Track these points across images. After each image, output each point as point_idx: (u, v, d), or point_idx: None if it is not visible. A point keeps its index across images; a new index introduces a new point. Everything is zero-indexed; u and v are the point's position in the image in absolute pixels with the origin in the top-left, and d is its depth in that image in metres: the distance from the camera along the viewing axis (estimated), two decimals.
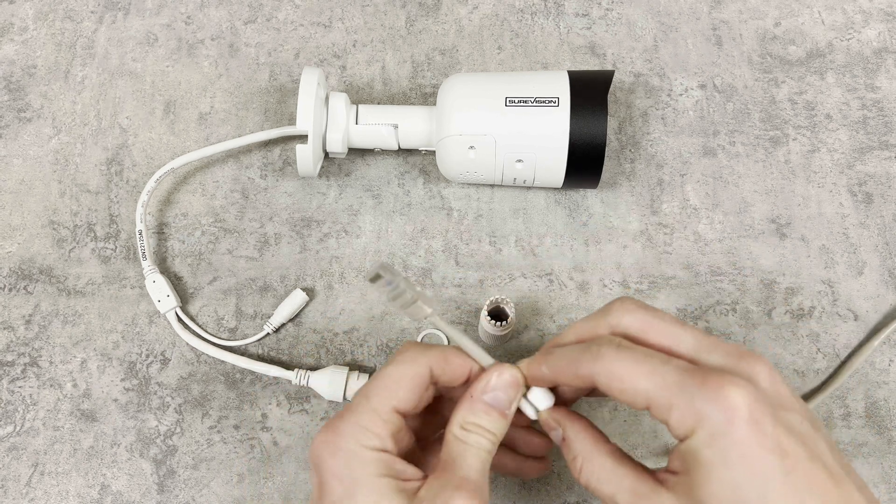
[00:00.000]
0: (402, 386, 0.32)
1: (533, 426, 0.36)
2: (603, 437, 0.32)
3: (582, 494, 0.42)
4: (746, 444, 0.26)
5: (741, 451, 0.26)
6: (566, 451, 0.32)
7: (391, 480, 0.30)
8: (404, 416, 0.32)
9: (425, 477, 0.31)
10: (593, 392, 0.34)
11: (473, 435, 0.32)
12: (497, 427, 0.32)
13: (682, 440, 0.28)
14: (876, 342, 0.44)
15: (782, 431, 0.26)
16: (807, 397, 0.44)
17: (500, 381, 0.33)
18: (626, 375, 0.29)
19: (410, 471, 0.31)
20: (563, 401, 0.35)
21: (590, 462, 0.31)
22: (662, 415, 0.28)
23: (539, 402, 0.33)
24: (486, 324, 0.41)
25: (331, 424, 0.31)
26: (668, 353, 0.30)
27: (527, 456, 0.37)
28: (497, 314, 0.41)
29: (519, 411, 0.34)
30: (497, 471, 0.36)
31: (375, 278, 0.32)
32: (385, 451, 0.31)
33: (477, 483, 0.30)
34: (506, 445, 0.35)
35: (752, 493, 0.26)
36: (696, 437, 0.27)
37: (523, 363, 0.33)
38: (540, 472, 0.37)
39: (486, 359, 0.34)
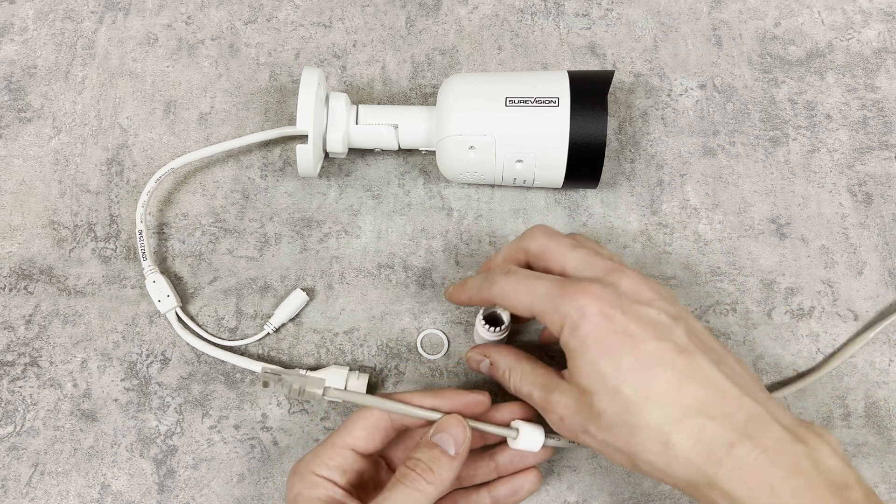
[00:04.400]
0: (358, 427, 0.37)
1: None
2: (522, 352, 0.39)
3: (582, 494, 0.42)
4: (598, 331, 0.33)
5: (595, 336, 0.33)
6: (496, 372, 0.39)
7: (323, 503, 0.35)
8: (362, 454, 0.37)
9: None
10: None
11: (411, 472, 0.35)
12: (438, 465, 0.35)
13: (558, 339, 0.35)
14: (871, 334, 0.44)
15: (632, 319, 0.33)
16: (796, 385, 0.44)
17: (444, 423, 0.37)
18: (511, 294, 0.37)
19: (350, 501, 0.35)
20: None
21: (514, 371, 0.38)
22: (543, 320, 0.35)
23: (531, 440, 0.38)
24: (481, 329, 0.41)
25: (302, 456, 0.38)
26: (560, 272, 0.37)
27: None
28: (493, 319, 0.41)
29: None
30: None
31: (265, 385, 0.37)
32: (330, 480, 0.36)
33: None
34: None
35: (608, 367, 0.32)
36: (563, 332, 0.34)
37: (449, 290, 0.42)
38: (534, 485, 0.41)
39: (431, 415, 0.37)
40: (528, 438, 0.38)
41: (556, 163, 0.43)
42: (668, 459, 0.32)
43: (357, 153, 0.50)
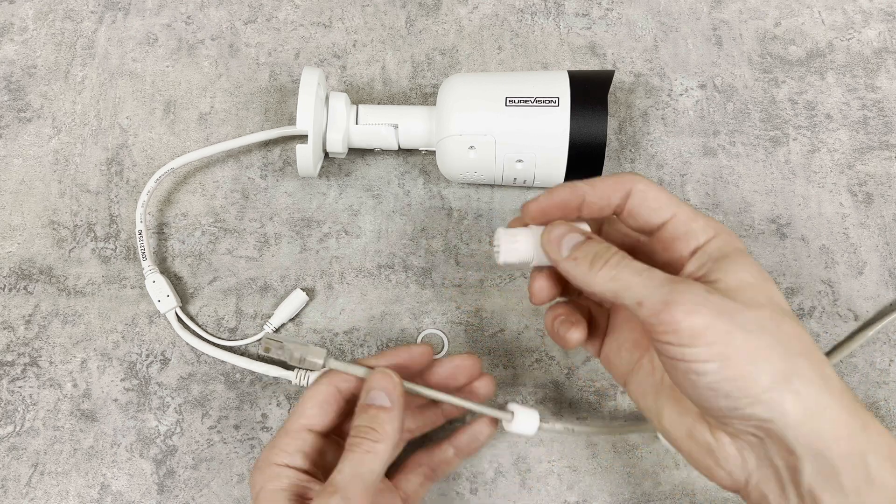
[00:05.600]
0: (308, 406, 0.36)
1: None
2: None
3: (582, 494, 0.42)
4: (747, 253, 0.31)
5: (746, 254, 0.31)
6: (592, 246, 0.32)
7: (287, 493, 0.34)
8: (319, 433, 0.36)
9: None
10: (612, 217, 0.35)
11: (355, 439, 0.34)
12: (378, 422, 0.34)
13: (701, 246, 0.31)
14: (871, 332, 0.44)
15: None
16: None
17: (370, 381, 0.36)
18: (658, 190, 0.33)
19: (317, 486, 0.34)
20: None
21: (622, 256, 0.31)
22: (682, 226, 0.32)
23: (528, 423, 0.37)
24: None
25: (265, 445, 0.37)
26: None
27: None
28: None
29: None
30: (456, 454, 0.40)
31: (266, 350, 0.37)
32: (290, 466, 0.35)
33: (336, 488, 0.32)
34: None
35: (765, 275, 0.30)
36: (720, 237, 0.31)
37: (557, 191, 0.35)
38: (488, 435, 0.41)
39: (363, 370, 0.37)
40: (524, 422, 0.37)
41: (556, 163, 0.43)
42: (824, 376, 0.28)
43: (357, 153, 0.49)
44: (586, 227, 0.34)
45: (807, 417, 0.27)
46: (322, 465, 0.36)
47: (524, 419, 0.37)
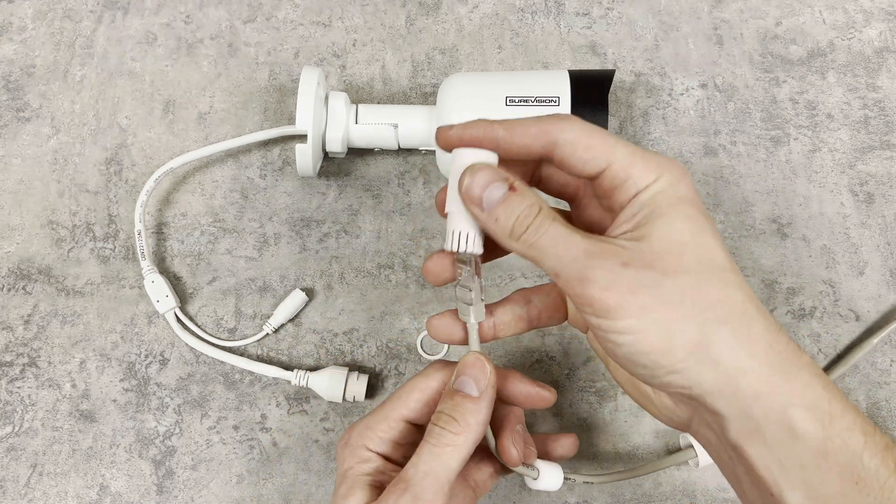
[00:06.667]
0: (413, 398, 0.34)
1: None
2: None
3: (582, 495, 0.42)
4: (693, 193, 0.29)
5: (691, 196, 0.29)
6: (516, 204, 0.30)
7: (370, 478, 0.32)
8: (416, 425, 0.34)
9: None
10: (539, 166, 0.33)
11: (435, 428, 0.32)
12: (462, 413, 0.32)
13: (640, 192, 0.29)
14: (875, 339, 0.44)
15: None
16: None
17: (463, 364, 0.33)
18: (590, 134, 0.29)
19: (395, 475, 0.33)
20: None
21: (545, 211, 0.30)
22: (622, 172, 0.29)
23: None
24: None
25: (355, 422, 0.35)
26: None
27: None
28: None
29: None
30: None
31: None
32: (380, 453, 0.33)
33: (408, 484, 0.31)
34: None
35: (705, 224, 0.29)
36: (661, 180, 0.29)
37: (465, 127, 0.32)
38: (547, 402, 0.36)
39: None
40: (549, 477, 0.36)
41: None
42: (750, 339, 0.27)
43: (356, 153, 0.49)
44: (494, 159, 0.31)
45: (725, 383, 0.27)
46: (409, 454, 0.34)
47: (549, 475, 0.36)
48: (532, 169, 0.34)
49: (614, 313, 0.27)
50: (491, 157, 0.31)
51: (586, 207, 0.33)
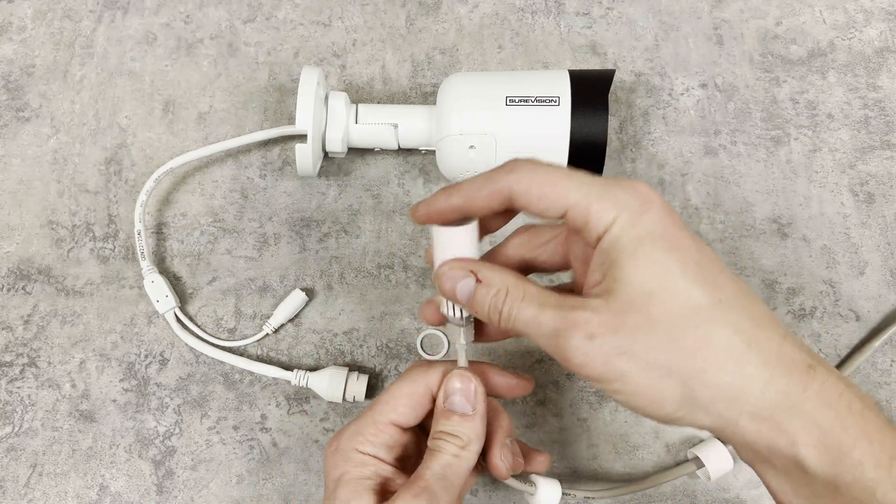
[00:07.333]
0: (401, 403, 0.34)
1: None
2: (520, 275, 0.31)
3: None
4: (664, 222, 0.28)
5: (662, 227, 0.28)
6: (482, 296, 0.30)
7: (371, 482, 0.33)
8: (403, 428, 0.35)
9: None
10: (506, 215, 0.33)
11: (440, 442, 0.33)
12: (462, 430, 0.33)
13: (601, 236, 0.28)
14: (877, 342, 0.44)
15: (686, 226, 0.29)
16: None
17: (451, 386, 0.34)
18: (543, 181, 0.29)
19: (399, 479, 0.34)
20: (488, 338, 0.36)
21: (515, 290, 0.30)
22: (581, 216, 0.28)
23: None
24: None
25: (340, 429, 0.35)
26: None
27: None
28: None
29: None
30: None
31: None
32: (375, 457, 0.34)
33: (426, 484, 0.32)
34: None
35: (675, 264, 0.27)
36: (619, 221, 0.28)
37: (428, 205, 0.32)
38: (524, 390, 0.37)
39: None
40: (547, 493, 0.37)
41: (556, 162, 0.43)
42: (742, 378, 0.27)
43: (356, 153, 0.49)
44: (473, 224, 0.31)
45: (723, 426, 0.28)
46: (403, 457, 0.35)
47: (547, 491, 0.37)
48: (515, 213, 0.33)
49: (598, 382, 0.28)
50: (469, 226, 0.31)
51: None
